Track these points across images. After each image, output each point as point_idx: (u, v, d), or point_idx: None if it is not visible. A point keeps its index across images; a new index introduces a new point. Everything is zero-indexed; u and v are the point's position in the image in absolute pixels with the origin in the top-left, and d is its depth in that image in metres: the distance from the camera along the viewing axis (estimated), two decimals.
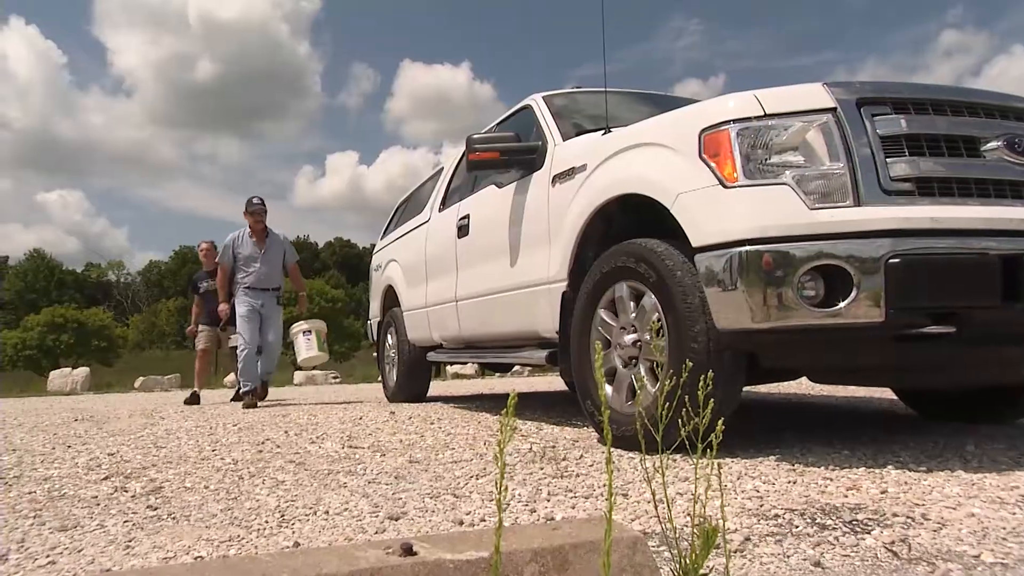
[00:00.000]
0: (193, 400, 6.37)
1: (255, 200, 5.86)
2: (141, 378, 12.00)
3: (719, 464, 2.13)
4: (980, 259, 1.97)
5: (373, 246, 7.21)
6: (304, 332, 6.42)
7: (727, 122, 2.20)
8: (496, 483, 0.71)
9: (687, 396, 1.40)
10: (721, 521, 1.07)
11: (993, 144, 2.15)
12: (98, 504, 1.99)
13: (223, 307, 5.93)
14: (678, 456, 2.23)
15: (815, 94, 2.16)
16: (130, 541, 1.59)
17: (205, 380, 6.93)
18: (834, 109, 2.12)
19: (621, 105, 3.50)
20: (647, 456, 1.87)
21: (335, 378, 12.58)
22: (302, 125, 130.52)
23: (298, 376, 12.01)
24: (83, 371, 12.22)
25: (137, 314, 61.52)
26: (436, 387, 7.04)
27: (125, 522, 1.76)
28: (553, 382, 7.85)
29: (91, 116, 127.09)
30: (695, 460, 1.11)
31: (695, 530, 0.96)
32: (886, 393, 4.13)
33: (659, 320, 2.37)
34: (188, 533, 1.63)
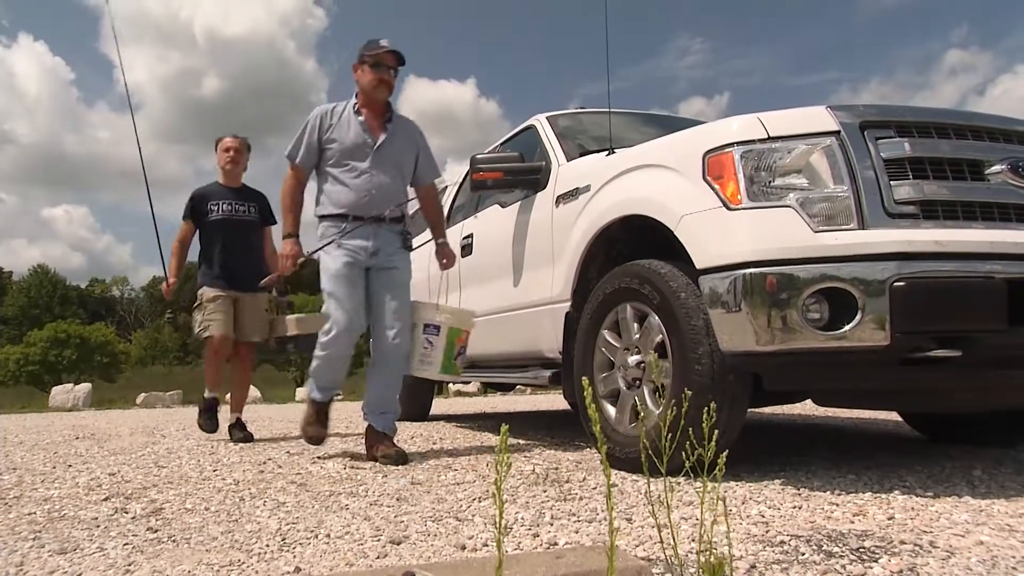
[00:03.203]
0: (208, 418, 4.35)
1: (382, 42, 3.12)
2: (143, 394, 11.98)
3: (724, 488, 2.11)
4: (986, 283, 1.96)
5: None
6: (428, 327, 3.23)
7: (731, 144, 2.21)
8: (497, 511, 0.70)
9: (691, 419, 1.39)
10: (728, 550, 1.05)
11: (997, 168, 2.15)
12: (98, 526, 1.97)
13: (290, 249, 3.09)
14: (683, 479, 2.21)
15: (819, 117, 2.16)
16: (129, 565, 1.57)
17: (222, 379, 4.37)
18: (838, 132, 2.12)
19: (625, 126, 3.52)
20: (652, 479, 1.85)
21: (338, 395, 12.53)
22: None
23: (300, 392, 11.95)
24: (85, 387, 12.21)
25: (140, 330, 61.63)
26: (438, 405, 7.02)
27: (125, 544, 1.75)
28: (556, 402, 7.82)
29: (97, 132, 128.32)
30: (701, 484, 1.10)
31: (700, 563, 0.95)
32: (892, 415, 4.10)
33: (663, 341, 2.37)
34: (188, 557, 1.62)
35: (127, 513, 2.13)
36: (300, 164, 3.12)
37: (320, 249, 3.05)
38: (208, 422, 4.38)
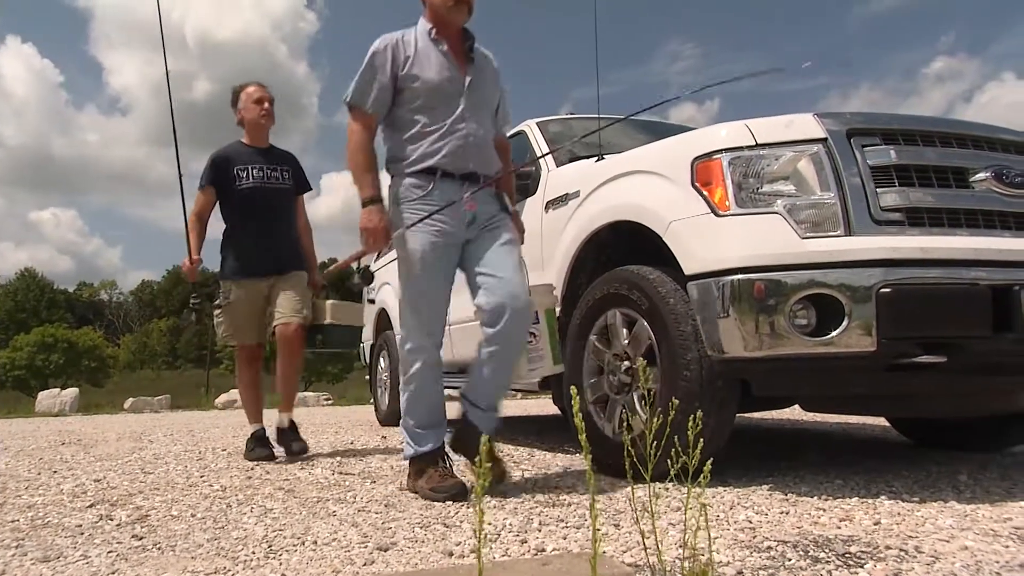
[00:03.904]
0: (258, 443, 3.48)
1: None
2: (131, 399, 11.88)
3: (712, 494, 2.12)
4: (971, 289, 1.98)
5: (367, 268, 6.95)
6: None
7: (719, 151, 2.22)
8: (477, 523, 0.70)
9: (678, 425, 1.39)
10: (711, 556, 1.05)
11: (981, 175, 2.17)
12: (82, 533, 1.95)
13: (377, 220, 2.31)
14: (671, 485, 2.21)
15: (806, 124, 2.18)
16: (113, 573, 1.56)
17: (262, 401, 3.72)
18: (825, 139, 2.14)
19: (615, 132, 3.53)
20: (640, 485, 1.86)
21: (327, 400, 12.50)
22: (299, 145, 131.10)
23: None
24: (72, 392, 12.09)
25: (129, 334, 61.19)
26: None
27: (109, 552, 1.73)
28: (546, 406, 7.82)
29: (86, 134, 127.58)
30: (687, 490, 1.10)
31: (684, 569, 0.95)
32: (880, 420, 4.12)
33: (651, 347, 2.37)
34: (173, 565, 1.60)
35: (112, 520, 2.11)
36: (372, 110, 2.38)
37: (422, 220, 2.30)
38: (260, 448, 3.44)
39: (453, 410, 2.45)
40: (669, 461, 1.09)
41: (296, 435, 3.51)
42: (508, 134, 2.71)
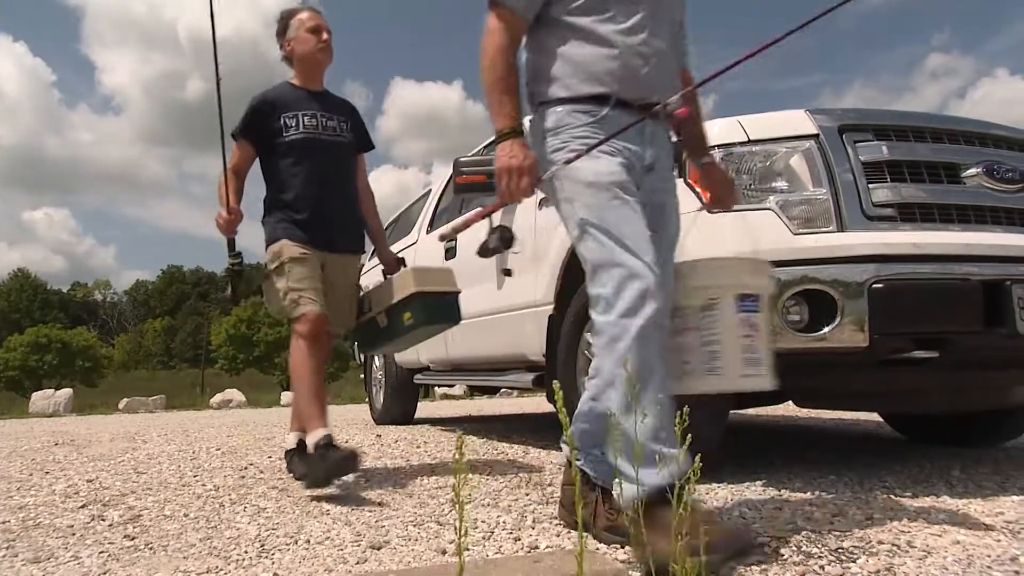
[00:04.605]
0: (331, 455, 2.34)
1: None
2: (126, 399, 11.84)
3: (706, 490, 2.12)
4: (962, 284, 1.99)
5: (361, 266, 6.87)
6: (745, 299, 1.66)
7: (712, 147, 2.21)
8: (457, 524, 0.69)
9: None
10: (703, 553, 1.05)
11: (973, 171, 2.18)
12: (74, 534, 1.94)
13: (521, 158, 1.63)
14: None
15: (798, 121, 2.18)
16: (104, 573, 1.55)
17: (324, 399, 2.59)
18: (817, 135, 2.14)
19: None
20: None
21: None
22: None
23: (285, 397, 11.87)
24: (66, 392, 12.04)
25: (123, 334, 61.01)
26: (424, 408, 6.99)
27: (100, 553, 1.72)
28: (542, 404, 7.83)
29: (79, 134, 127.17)
30: (677, 486, 1.10)
31: (675, 567, 0.95)
32: (873, 416, 4.14)
33: None
34: (165, 565, 1.60)
35: (104, 520, 2.10)
36: (518, 8, 1.71)
37: (582, 154, 1.60)
38: (337, 460, 2.34)
39: (453, 410, 2.44)
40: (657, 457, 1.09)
41: (334, 445, 2.45)
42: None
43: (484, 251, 2.12)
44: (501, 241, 2.16)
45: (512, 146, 1.64)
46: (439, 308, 2.79)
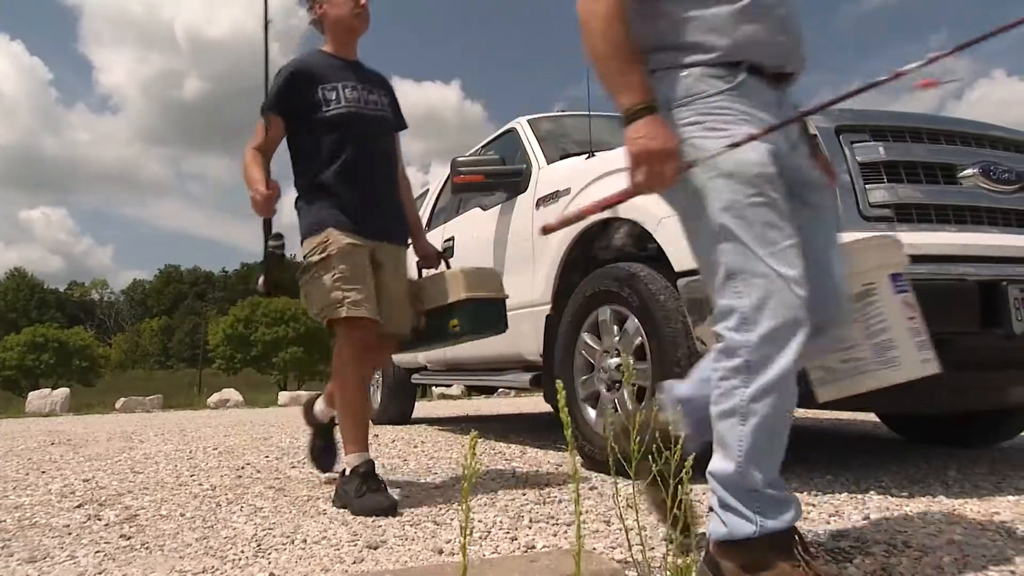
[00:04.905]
0: (372, 487, 2.10)
1: None
2: (122, 399, 11.81)
3: (702, 490, 2.12)
4: (959, 285, 1.99)
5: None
6: (897, 279, 1.53)
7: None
8: (462, 522, 0.70)
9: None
10: (695, 553, 1.05)
11: (969, 171, 2.18)
12: (70, 533, 1.94)
13: (659, 138, 1.30)
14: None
15: None
16: (100, 573, 1.55)
17: (367, 417, 2.37)
18: (814, 136, 2.13)
19: (606, 129, 3.52)
20: (628, 481, 1.85)
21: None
22: None
23: (283, 397, 11.87)
24: (63, 392, 12.02)
25: (120, 333, 60.89)
26: (422, 408, 6.99)
27: (97, 552, 1.72)
28: (539, 404, 7.83)
29: (77, 133, 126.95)
30: (671, 486, 1.10)
31: (667, 565, 0.95)
32: (870, 416, 4.14)
33: (642, 344, 2.37)
34: (161, 564, 1.59)
35: (100, 520, 2.10)
36: None
37: (757, 136, 1.29)
38: (374, 492, 2.10)
39: (451, 409, 2.44)
40: (651, 458, 1.09)
41: (373, 471, 2.20)
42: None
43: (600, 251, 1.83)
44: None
45: (649, 125, 1.32)
46: (487, 316, 2.51)
